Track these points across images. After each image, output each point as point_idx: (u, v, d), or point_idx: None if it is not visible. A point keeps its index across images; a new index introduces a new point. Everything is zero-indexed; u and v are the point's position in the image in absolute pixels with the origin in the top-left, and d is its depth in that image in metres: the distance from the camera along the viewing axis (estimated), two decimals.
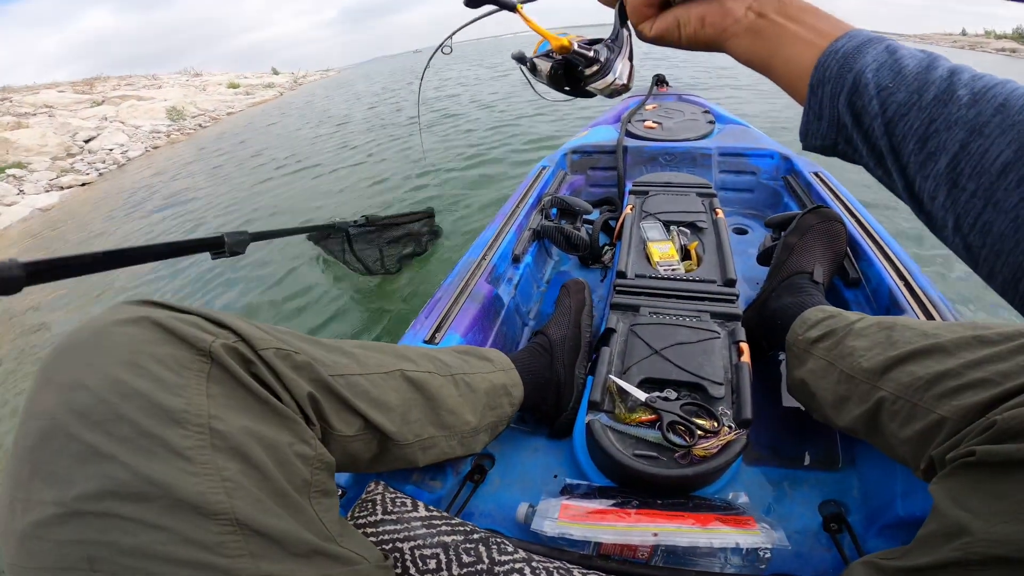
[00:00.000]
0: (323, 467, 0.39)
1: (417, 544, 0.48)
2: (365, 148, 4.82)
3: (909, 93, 0.30)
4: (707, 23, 0.38)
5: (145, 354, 0.32)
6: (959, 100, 0.28)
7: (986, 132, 0.27)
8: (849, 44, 0.32)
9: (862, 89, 0.31)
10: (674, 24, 0.40)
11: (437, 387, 0.55)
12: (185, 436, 0.31)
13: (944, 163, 0.28)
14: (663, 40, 0.42)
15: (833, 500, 0.59)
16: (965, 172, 0.27)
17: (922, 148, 0.29)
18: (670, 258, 0.86)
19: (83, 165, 8.35)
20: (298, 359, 0.41)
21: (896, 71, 0.30)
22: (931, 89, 0.29)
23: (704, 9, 0.38)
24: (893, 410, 0.47)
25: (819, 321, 0.64)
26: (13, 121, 9.87)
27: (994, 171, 0.26)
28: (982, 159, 0.27)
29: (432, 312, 0.83)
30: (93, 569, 0.27)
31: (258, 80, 21.24)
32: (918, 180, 0.30)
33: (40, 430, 0.30)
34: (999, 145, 0.26)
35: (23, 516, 0.28)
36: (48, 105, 12.40)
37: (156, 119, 11.79)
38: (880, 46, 0.32)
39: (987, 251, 0.27)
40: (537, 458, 0.69)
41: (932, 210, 0.30)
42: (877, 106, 0.30)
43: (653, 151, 1.42)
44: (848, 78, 0.31)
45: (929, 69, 0.30)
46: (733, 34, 0.38)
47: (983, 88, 0.28)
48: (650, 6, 0.41)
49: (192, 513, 0.29)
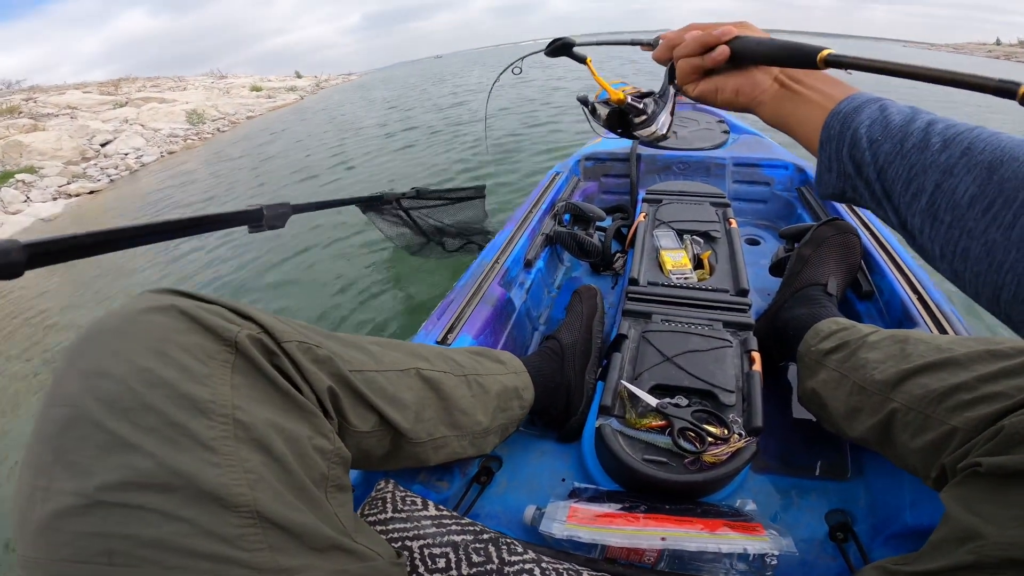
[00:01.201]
0: (340, 462, 0.39)
1: (427, 543, 0.49)
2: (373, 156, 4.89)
3: (893, 144, 0.35)
4: (740, 93, 0.47)
5: (172, 343, 0.32)
6: (933, 147, 0.33)
7: (955, 172, 0.32)
8: (849, 105, 0.39)
9: (858, 143, 0.37)
10: (713, 89, 0.48)
11: (451, 387, 0.56)
12: (210, 427, 0.31)
13: (924, 201, 0.33)
14: (703, 100, 0.50)
15: (840, 509, 0.59)
16: (941, 207, 0.33)
17: (907, 189, 0.34)
18: (683, 267, 0.88)
19: (95, 170, 8.21)
20: (319, 353, 0.41)
21: (884, 126, 0.36)
22: (911, 139, 0.35)
23: (739, 82, 0.46)
24: (905, 421, 0.49)
25: (832, 333, 0.65)
26: (29, 123, 9.85)
27: (964, 204, 0.31)
28: (953, 195, 0.32)
29: (445, 313, 0.85)
30: (111, 562, 0.27)
31: (281, 83, 21.35)
32: (908, 217, 0.35)
33: (64, 418, 0.29)
34: (966, 182, 0.31)
35: (43, 506, 0.28)
36: (72, 106, 12.39)
37: (176, 122, 11.78)
38: (874, 105, 0.38)
39: (969, 274, 0.32)
40: (545, 461, 0.70)
41: (922, 242, 0.35)
42: (870, 157, 0.36)
43: (667, 160, 1.44)
44: (847, 135, 0.38)
45: (910, 122, 0.35)
46: (761, 102, 0.46)
47: (953, 135, 0.33)
48: (695, 72, 0.48)
49: (214, 505, 0.29)
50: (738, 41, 0.45)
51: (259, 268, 2.67)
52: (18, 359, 2.36)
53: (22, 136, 9.07)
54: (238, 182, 5.22)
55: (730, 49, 0.45)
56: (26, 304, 2.99)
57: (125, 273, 3.17)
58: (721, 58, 0.45)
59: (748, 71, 0.46)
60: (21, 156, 8.56)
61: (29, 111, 11.33)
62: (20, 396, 2.08)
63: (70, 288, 3.14)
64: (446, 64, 6.55)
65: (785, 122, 0.45)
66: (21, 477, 0.30)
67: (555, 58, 0.72)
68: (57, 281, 3.26)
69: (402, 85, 13.76)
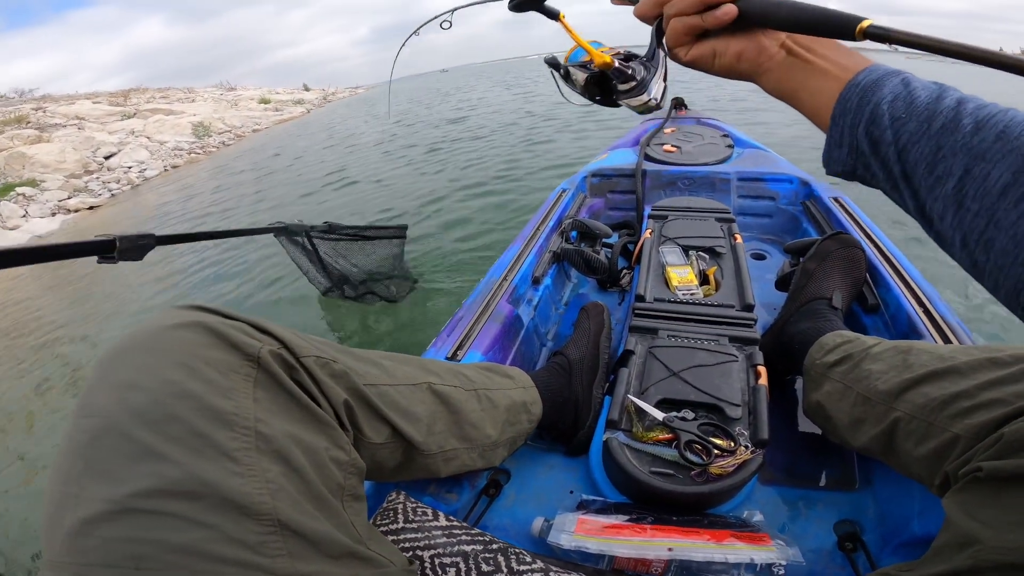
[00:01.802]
0: (355, 472, 0.41)
1: (437, 552, 0.50)
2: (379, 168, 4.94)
3: (919, 123, 0.33)
4: (743, 58, 0.42)
5: (198, 357, 0.34)
6: (964, 128, 0.31)
7: (988, 157, 0.30)
8: (868, 78, 0.36)
9: (878, 119, 0.35)
10: (710, 53, 0.43)
11: (461, 401, 0.58)
12: (233, 438, 0.32)
13: (951, 186, 0.32)
14: (696, 65, 0.45)
15: (848, 520, 0.60)
16: (969, 194, 0.31)
17: (931, 172, 0.33)
18: (689, 283, 0.90)
19: (97, 184, 8.16)
20: (336, 367, 0.43)
21: (909, 102, 0.34)
22: (939, 119, 0.32)
23: (742, 45, 0.42)
24: (908, 430, 0.50)
25: (837, 346, 0.66)
26: (34, 135, 9.78)
27: (995, 192, 0.30)
28: (984, 182, 0.30)
29: (454, 330, 0.87)
30: (139, 567, 0.28)
31: (289, 96, 21.57)
32: (928, 202, 0.33)
33: (95, 428, 0.31)
34: (999, 169, 0.30)
35: (73, 512, 0.29)
36: (80, 117, 12.43)
37: (181, 135, 11.75)
38: (896, 79, 0.36)
39: (991, 266, 0.31)
40: (553, 474, 0.72)
41: (941, 229, 0.33)
42: (891, 135, 0.34)
43: (672, 175, 1.47)
44: (866, 110, 0.35)
45: (939, 100, 0.33)
46: (766, 70, 0.42)
47: (986, 116, 0.31)
48: (688, 34, 0.44)
49: (237, 513, 0.30)
50: (747, 0, 0.40)
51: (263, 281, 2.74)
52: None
53: (26, 148, 9.04)
54: (242, 197, 5.28)
55: (737, 8, 0.40)
56: None
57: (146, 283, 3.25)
58: (727, 18, 0.40)
59: (752, 35, 0.42)
60: (24, 168, 8.47)
61: (37, 121, 11.37)
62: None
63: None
64: (451, 78, 6.68)
65: (792, 93, 0.41)
66: (51, 485, 0.31)
67: (521, 13, 0.62)
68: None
69: (407, 99, 14.01)
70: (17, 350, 2.75)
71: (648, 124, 1.94)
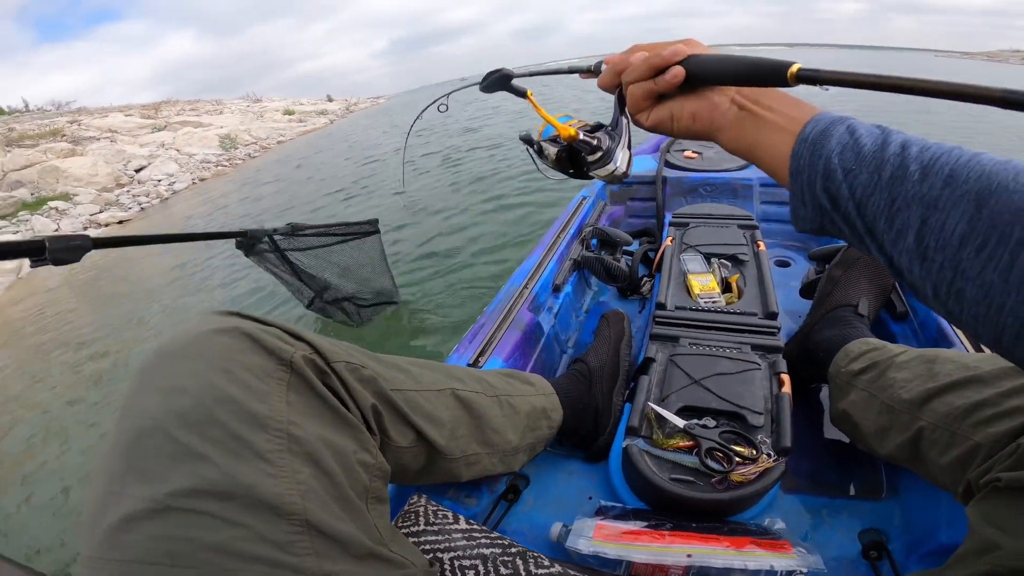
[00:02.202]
0: (381, 475, 0.42)
1: (457, 555, 0.52)
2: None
3: (870, 174, 0.32)
4: (697, 119, 0.43)
5: (237, 362, 0.35)
6: (911, 176, 0.31)
7: (939, 206, 0.29)
8: (815, 129, 0.36)
9: (831, 174, 0.34)
10: (668, 116, 0.45)
11: (484, 407, 0.60)
12: (267, 440, 0.34)
13: (912, 239, 0.31)
14: (658, 129, 0.46)
15: (874, 528, 0.60)
16: (931, 246, 0.30)
17: (891, 226, 0.32)
18: (711, 291, 0.90)
19: (127, 198, 8.26)
20: (364, 372, 0.45)
21: (857, 152, 0.33)
22: (887, 168, 0.32)
23: (695, 106, 0.43)
24: (932, 438, 0.50)
25: (862, 354, 0.66)
26: (67, 148, 9.99)
27: (954, 243, 0.29)
28: (942, 232, 0.29)
29: (476, 337, 0.89)
30: (174, 564, 0.29)
31: (312, 107, 21.95)
32: (894, 255, 0.32)
33: (139, 428, 0.32)
34: (953, 218, 0.29)
35: (115, 509, 0.30)
36: (112, 129, 12.70)
37: (209, 147, 11.94)
38: (842, 127, 0.35)
39: (966, 315, 0.30)
40: (572, 480, 0.73)
41: (913, 281, 0.32)
42: (847, 189, 0.33)
43: (693, 182, 1.46)
44: (819, 165, 0.35)
45: (884, 147, 0.32)
46: (720, 127, 0.43)
47: (931, 160, 0.30)
48: (647, 98, 0.45)
49: (269, 513, 0.32)
50: (692, 60, 0.42)
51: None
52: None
53: (59, 161, 9.21)
54: (266, 211, 5.34)
55: (684, 70, 0.42)
56: None
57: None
58: (675, 80, 0.42)
59: (704, 94, 0.43)
60: (58, 182, 8.64)
61: (72, 134, 11.67)
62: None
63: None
64: (467, 89, 6.84)
65: (749, 149, 0.41)
66: (94, 483, 0.33)
67: (491, 93, 0.64)
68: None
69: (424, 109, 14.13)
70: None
71: None
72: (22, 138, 11.03)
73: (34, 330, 3.40)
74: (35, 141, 10.70)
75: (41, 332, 3.32)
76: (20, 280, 5.05)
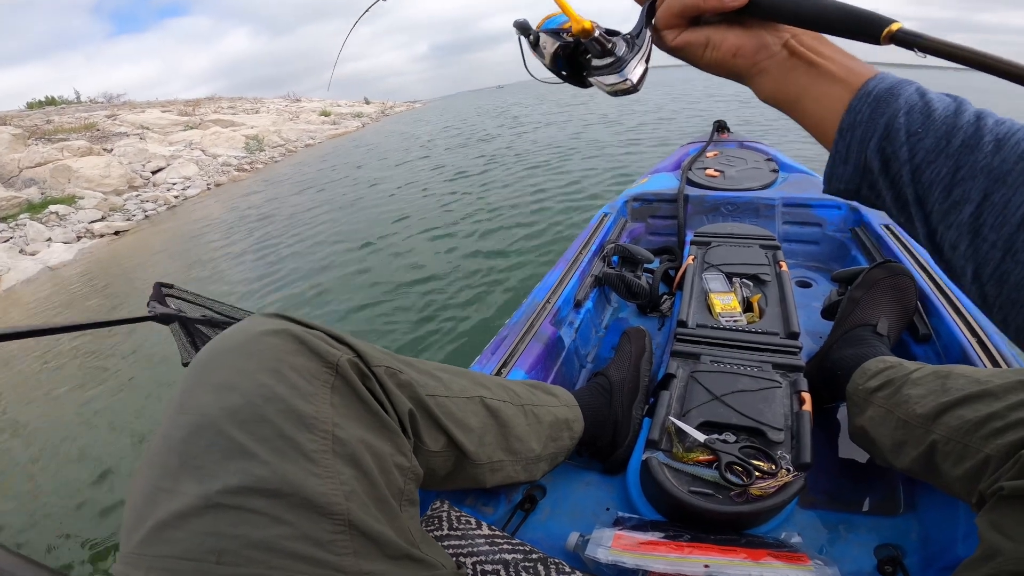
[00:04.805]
0: (414, 478, 0.44)
1: (479, 559, 0.55)
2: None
3: (937, 139, 0.30)
4: (740, 54, 0.39)
5: (286, 363, 0.37)
6: (985, 147, 0.29)
7: (1009, 181, 0.28)
8: (880, 85, 0.33)
9: (894, 134, 0.32)
10: (703, 42, 0.40)
11: (509, 415, 0.63)
12: (313, 440, 0.35)
13: (968, 213, 0.29)
14: (683, 53, 0.42)
15: (890, 544, 0.62)
16: (988, 223, 0.29)
17: (947, 197, 0.30)
18: (732, 310, 0.92)
19: (134, 204, 7.99)
20: (402, 378, 0.48)
21: (927, 115, 0.31)
22: (959, 135, 0.30)
23: (741, 39, 0.38)
24: (945, 451, 0.53)
25: (879, 371, 0.69)
26: (85, 146, 9.72)
27: (1015, 222, 0.28)
28: (1004, 209, 0.28)
29: (499, 349, 0.93)
30: (219, 560, 0.30)
31: (349, 109, 21.95)
32: (940, 229, 0.31)
33: (192, 425, 0.34)
34: (1021, 195, 0.27)
35: (166, 505, 0.31)
36: (145, 126, 12.56)
37: (234, 148, 11.75)
38: (911, 88, 0.33)
39: (1003, 300, 0.29)
40: (589, 491, 0.75)
41: (952, 258, 0.31)
42: (907, 152, 0.31)
43: (715, 200, 1.49)
44: (880, 122, 0.32)
45: (957, 114, 0.31)
46: (763, 69, 0.38)
47: (1007, 133, 0.29)
48: (684, 15, 0.40)
49: (313, 512, 0.33)
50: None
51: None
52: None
53: (72, 160, 8.93)
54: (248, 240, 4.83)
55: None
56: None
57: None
58: (735, 4, 0.37)
59: (754, 29, 0.38)
60: (69, 182, 8.45)
61: (104, 129, 11.53)
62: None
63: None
64: (508, 94, 6.69)
65: (794, 99, 0.37)
66: (143, 479, 0.33)
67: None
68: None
69: (454, 117, 14.03)
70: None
71: (690, 147, 1.96)
72: (56, 131, 10.78)
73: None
74: (66, 135, 10.48)
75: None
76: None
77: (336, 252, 3.75)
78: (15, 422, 2.44)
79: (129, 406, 2.35)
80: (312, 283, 3.21)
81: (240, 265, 4.16)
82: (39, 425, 2.36)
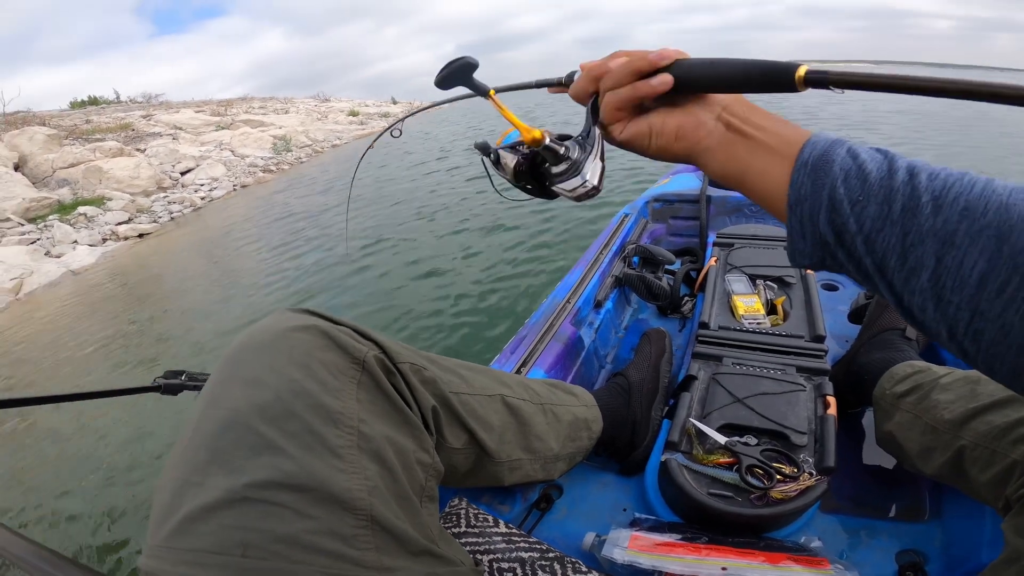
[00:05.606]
0: (435, 475, 0.44)
1: (496, 557, 0.55)
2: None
3: (879, 205, 0.30)
4: (680, 136, 0.39)
5: (314, 358, 0.37)
6: (924, 209, 0.29)
7: (956, 242, 0.28)
8: (814, 153, 0.33)
9: (838, 206, 0.32)
10: (646, 131, 0.41)
11: (529, 414, 0.63)
12: (339, 435, 0.35)
13: (926, 278, 0.29)
14: (632, 145, 0.42)
15: (912, 550, 0.61)
16: (947, 286, 0.28)
17: (904, 264, 0.30)
18: (755, 312, 0.91)
19: (161, 205, 8.00)
20: (426, 374, 0.48)
21: (863, 179, 0.31)
22: (898, 199, 0.30)
23: (680, 120, 0.39)
24: (973, 457, 0.52)
25: (907, 376, 0.67)
26: (116, 147, 9.71)
27: (973, 283, 0.27)
28: (959, 271, 0.28)
29: (518, 348, 0.93)
30: (245, 554, 0.30)
31: (376, 109, 21.95)
32: (905, 296, 0.31)
33: (222, 419, 0.34)
34: (972, 256, 0.27)
35: (194, 499, 0.31)
36: (178, 126, 12.68)
37: (262, 148, 11.76)
38: (842, 150, 0.33)
39: (982, 355, 0.29)
40: (606, 492, 0.75)
41: (924, 321, 0.31)
42: (855, 223, 0.31)
43: (738, 201, 1.47)
44: (823, 196, 0.32)
45: (891, 174, 0.31)
46: (706, 147, 0.39)
47: (943, 190, 0.29)
48: (623, 109, 0.41)
49: (338, 507, 0.33)
50: (682, 64, 0.37)
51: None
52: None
53: (103, 161, 8.97)
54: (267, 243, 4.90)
55: (672, 76, 0.37)
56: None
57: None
58: (662, 87, 0.38)
59: (689, 108, 0.39)
60: (100, 183, 8.48)
61: (139, 129, 11.66)
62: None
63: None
64: (532, 95, 6.74)
65: (740, 175, 0.38)
66: (172, 473, 0.34)
67: (447, 91, 0.54)
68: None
69: (476, 117, 14.03)
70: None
71: None
72: (94, 131, 10.93)
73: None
74: (103, 135, 10.63)
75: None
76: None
77: (357, 250, 3.80)
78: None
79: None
80: (333, 278, 3.26)
81: (263, 263, 4.28)
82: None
